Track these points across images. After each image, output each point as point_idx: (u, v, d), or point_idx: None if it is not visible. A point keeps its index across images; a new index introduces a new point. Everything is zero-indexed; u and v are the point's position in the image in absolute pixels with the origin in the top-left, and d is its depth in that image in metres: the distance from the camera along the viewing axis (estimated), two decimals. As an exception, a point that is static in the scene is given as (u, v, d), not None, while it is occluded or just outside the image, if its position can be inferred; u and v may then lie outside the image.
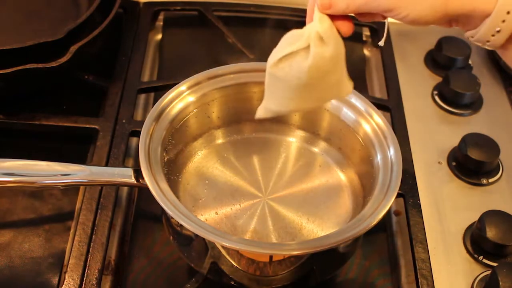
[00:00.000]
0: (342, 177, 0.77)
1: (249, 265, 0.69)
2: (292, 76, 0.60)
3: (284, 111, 0.66)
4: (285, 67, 0.61)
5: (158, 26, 1.08)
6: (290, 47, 0.60)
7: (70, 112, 0.88)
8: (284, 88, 0.62)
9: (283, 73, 0.61)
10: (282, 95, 0.63)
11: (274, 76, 0.62)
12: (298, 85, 0.60)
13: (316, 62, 0.58)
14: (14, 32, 0.93)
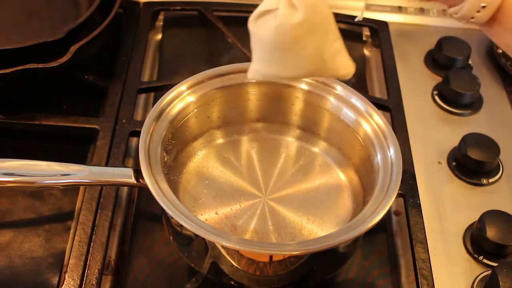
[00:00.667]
0: (342, 177, 0.77)
1: (249, 265, 0.69)
2: (265, 36, 0.59)
3: (270, 75, 0.62)
4: (261, 25, 0.59)
5: (158, 26, 1.08)
6: (267, 4, 0.58)
7: (70, 112, 0.88)
8: (262, 48, 0.60)
9: (259, 31, 0.59)
10: (263, 56, 0.61)
11: (253, 33, 0.60)
12: (272, 46, 0.59)
13: (282, 25, 0.57)
14: (14, 32, 0.93)
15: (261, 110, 0.81)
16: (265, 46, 0.59)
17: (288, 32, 0.57)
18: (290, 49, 0.59)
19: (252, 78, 0.65)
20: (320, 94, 0.78)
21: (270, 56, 0.60)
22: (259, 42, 0.60)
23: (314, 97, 0.78)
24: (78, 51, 0.83)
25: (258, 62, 0.62)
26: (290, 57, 0.59)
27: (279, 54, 0.59)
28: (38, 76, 0.82)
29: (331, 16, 0.58)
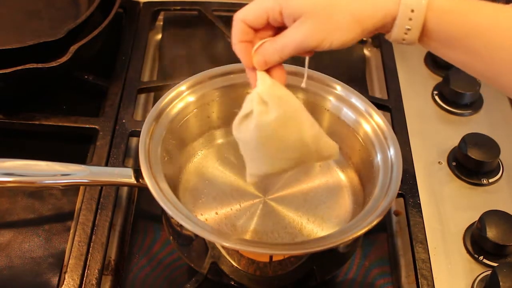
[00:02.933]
0: (342, 177, 0.77)
1: (249, 265, 0.69)
2: (248, 137, 0.63)
3: (262, 174, 0.67)
4: (243, 129, 0.64)
5: (158, 26, 1.08)
6: (243, 111, 0.63)
7: (70, 112, 0.88)
8: (249, 149, 0.65)
9: (243, 135, 0.64)
10: (251, 156, 0.66)
11: (238, 139, 0.65)
12: (255, 144, 0.63)
13: (260, 122, 0.61)
14: (14, 32, 0.93)
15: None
16: (250, 146, 0.64)
17: (266, 127, 0.61)
18: (272, 143, 0.63)
19: (251, 183, 0.69)
20: (320, 94, 0.78)
21: (257, 154, 0.64)
22: (246, 145, 0.65)
23: (314, 97, 0.78)
24: (78, 51, 0.83)
25: (249, 164, 0.66)
26: (275, 150, 0.63)
27: (264, 150, 0.63)
28: (38, 76, 0.82)
29: (301, 106, 0.63)
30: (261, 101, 0.61)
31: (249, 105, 0.62)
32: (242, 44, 0.61)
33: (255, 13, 0.60)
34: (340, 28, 0.57)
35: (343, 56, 1.06)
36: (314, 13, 0.57)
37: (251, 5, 0.60)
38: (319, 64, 0.83)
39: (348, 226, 0.65)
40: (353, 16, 0.57)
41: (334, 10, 0.57)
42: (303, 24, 0.57)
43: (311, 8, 0.57)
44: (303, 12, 0.57)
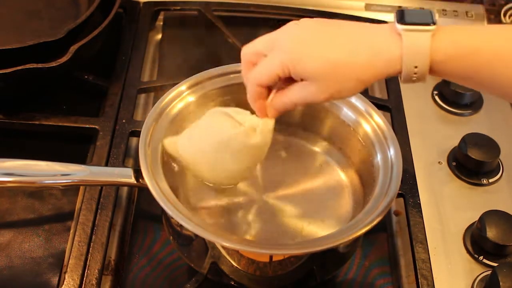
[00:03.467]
0: (342, 177, 0.77)
1: (249, 265, 0.69)
2: (219, 132, 0.68)
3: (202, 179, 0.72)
4: (217, 123, 0.68)
5: (158, 26, 1.08)
6: (233, 130, 0.67)
7: (70, 112, 0.88)
8: (207, 137, 0.69)
9: (212, 124, 0.69)
10: (195, 142, 0.70)
11: (205, 122, 0.70)
12: (218, 146, 0.68)
13: (238, 138, 0.66)
14: (14, 32, 0.93)
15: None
16: (212, 140, 0.68)
17: (240, 146, 0.67)
18: (234, 157, 0.68)
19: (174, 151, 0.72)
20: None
21: (205, 154, 0.69)
22: (201, 133, 0.70)
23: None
24: (78, 51, 0.83)
25: (186, 139, 0.71)
26: (227, 164, 0.69)
27: (221, 156, 0.68)
28: (38, 76, 0.82)
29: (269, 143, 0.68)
30: (252, 128, 0.66)
31: (241, 118, 0.67)
32: (259, 102, 0.65)
33: (268, 77, 0.62)
34: (345, 89, 0.60)
35: (343, 56, 1.06)
36: (320, 78, 0.60)
37: (262, 69, 0.63)
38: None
39: (348, 226, 0.65)
40: (358, 78, 0.59)
41: (340, 76, 0.59)
42: (310, 86, 0.60)
43: (318, 75, 0.59)
44: (310, 77, 0.60)
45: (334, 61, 0.59)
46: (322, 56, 0.59)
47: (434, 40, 0.57)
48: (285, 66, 0.60)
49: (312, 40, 0.60)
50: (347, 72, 0.59)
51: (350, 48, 0.59)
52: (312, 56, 0.59)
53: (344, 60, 0.59)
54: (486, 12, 1.11)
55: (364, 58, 0.59)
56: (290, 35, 0.61)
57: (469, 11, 1.10)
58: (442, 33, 0.58)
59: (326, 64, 0.59)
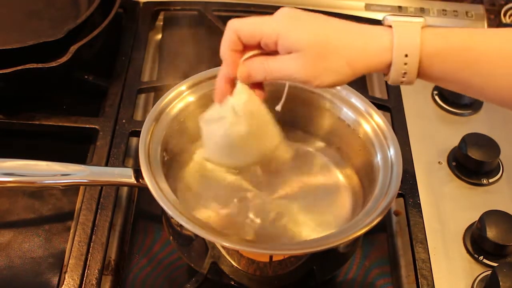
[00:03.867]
0: (342, 177, 0.77)
1: (249, 265, 0.69)
2: (217, 137, 0.67)
3: (221, 164, 0.71)
4: (214, 128, 0.67)
5: (158, 26, 1.08)
6: (217, 112, 0.66)
7: (70, 112, 0.88)
8: (214, 144, 0.68)
9: (210, 132, 0.68)
10: (214, 150, 0.69)
11: (205, 131, 0.68)
12: (221, 145, 0.67)
13: (230, 132, 0.65)
14: (14, 32, 0.93)
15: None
16: (216, 144, 0.68)
17: (235, 137, 0.65)
18: (236, 148, 0.67)
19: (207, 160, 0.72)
20: (320, 94, 0.78)
21: (221, 152, 0.69)
22: (210, 140, 0.68)
23: (313, 96, 0.78)
24: (78, 51, 0.83)
25: (210, 153, 0.70)
26: (238, 153, 0.68)
27: (228, 151, 0.68)
28: (38, 76, 0.82)
29: (270, 120, 0.66)
30: (234, 113, 0.64)
31: (221, 111, 0.65)
32: (231, 52, 0.61)
33: (249, 30, 0.60)
34: (333, 69, 0.58)
35: (343, 56, 1.06)
36: (310, 51, 0.57)
37: (248, 20, 0.60)
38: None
39: (348, 226, 0.65)
40: (347, 61, 0.58)
41: (329, 52, 0.57)
42: (297, 59, 0.58)
43: (308, 46, 0.57)
44: (299, 48, 0.58)
45: (326, 36, 0.57)
46: (315, 29, 0.58)
47: (424, 32, 0.57)
48: (273, 32, 0.58)
49: (306, 17, 0.59)
50: (338, 50, 0.57)
51: (343, 29, 0.58)
52: (304, 29, 0.58)
53: (336, 37, 0.57)
54: (486, 12, 1.11)
55: (356, 40, 0.58)
56: (285, 12, 0.59)
57: (469, 11, 1.11)
58: (432, 29, 0.58)
59: (318, 37, 0.57)
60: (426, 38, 0.57)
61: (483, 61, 0.57)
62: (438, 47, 0.57)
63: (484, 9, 1.11)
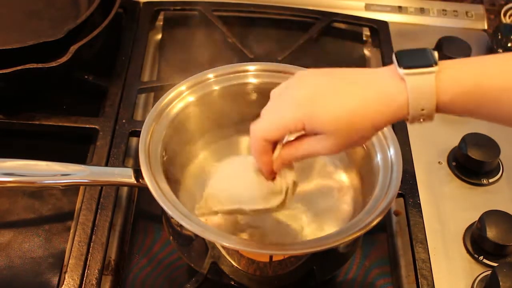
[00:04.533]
0: (342, 177, 0.77)
1: (249, 265, 0.69)
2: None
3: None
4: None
5: (158, 26, 1.08)
6: (266, 203, 0.65)
7: (70, 112, 0.88)
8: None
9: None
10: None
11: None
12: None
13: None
14: (14, 32, 0.93)
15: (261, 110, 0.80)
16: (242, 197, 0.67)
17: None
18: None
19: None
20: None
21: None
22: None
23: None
24: (78, 51, 0.83)
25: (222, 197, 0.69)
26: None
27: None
28: (38, 76, 0.82)
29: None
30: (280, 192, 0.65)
31: (274, 201, 0.65)
32: (265, 157, 0.62)
33: (277, 132, 0.59)
34: (361, 138, 0.59)
35: (343, 56, 1.06)
36: (337, 132, 0.57)
37: (270, 123, 0.60)
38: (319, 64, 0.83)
39: (348, 226, 0.65)
40: (373, 126, 0.58)
41: (356, 126, 0.57)
42: (326, 140, 0.58)
43: (335, 127, 0.57)
44: (326, 131, 0.57)
45: (349, 112, 0.57)
46: (337, 108, 0.57)
47: (438, 81, 0.56)
48: (298, 121, 0.57)
49: (323, 92, 0.58)
50: (363, 121, 0.57)
51: (361, 97, 0.57)
52: (327, 109, 0.57)
53: (359, 110, 0.57)
54: (486, 12, 1.11)
55: (376, 105, 0.57)
56: (301, 94, 0.59)
57: (469, 11, 1.11)
58: (445, 73, 0.56)
59: (343, 116, 0.57)
60: (440, 88, 0.56)
61: (500, 96, 0.56)
62: (453, 93, 0.56)
63: (484, 9, 1.11)
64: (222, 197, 0.67)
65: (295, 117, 0.58)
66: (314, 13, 1.06)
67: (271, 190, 0.64)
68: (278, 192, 0.64)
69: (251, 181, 0.65)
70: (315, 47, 1.04)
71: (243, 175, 0.66)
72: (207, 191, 0.69)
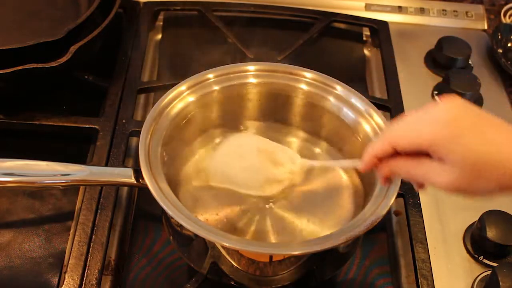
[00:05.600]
0: (342, 177, 0.77)
1: (249, 265, 0.69)
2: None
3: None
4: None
5: (158, 26, 1.08)
6: (260, 191, 0.68)
7: (70, 112, 0.88)
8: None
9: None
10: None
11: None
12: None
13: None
14: (14, 32, 0.93)
15: (261, 110, 0.81)
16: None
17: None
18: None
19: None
20: (320, 94, 0.78)
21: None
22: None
23: (314, 97, 0.78)
24: (78, 51, 0.83)
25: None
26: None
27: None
28: (38, 76, 0.82)
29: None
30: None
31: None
32: (374, 157, 0.61)
33: (407, 144, 0.57)
34: (480, 189, 0.55)
35: (343, 56, 1.06)
36: (465, 168, 0.54)
37: (405, 132, 0.58)
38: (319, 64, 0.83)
39: (348, 226, 0.65)
40: (498, 182, 0.54)
41: (483, 173, 0.54)
42: (448, 171, 0.55)
43: (465, 163, 0.54)
44: (455, 162, 0.54)
45: (485, 155, 0.53)
46: (477, 145, 0.54)
47: None
48: (432, 141, 0.55)
49: (469, 124, 0.55)
50: (492, 171, 0.54)
51: (498, 146, 0.54)
52: (465, 145, 0.54)
53: (493, 157, 0.54)
54: (486, 12, 1.11)
55: (509, 159, 0.54)
56: (446, 113, 0.55)
57: (469, 11, 1.11)
58: None
59: (478, 155, 0.53)
60: None
61: None
62: None
63: (484, 9, 1.11)
64: (219, 173, 0.67)
65: (433, 136, 0.55)
66: (314, 13, 1.06)
67: (267, 179, 0.64)
68: (276, 182, 0.64)
69: (250, 165, 0.65)
70: (315, 47, 1.04)
71: (245, 155, 0.66)
72: (207, 162, 0.69)
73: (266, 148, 0.65)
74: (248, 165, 0.65)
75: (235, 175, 0.66)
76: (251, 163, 0.65)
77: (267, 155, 0.65)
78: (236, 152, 0.67)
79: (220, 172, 0.67)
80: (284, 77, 0.79)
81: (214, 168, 0.68)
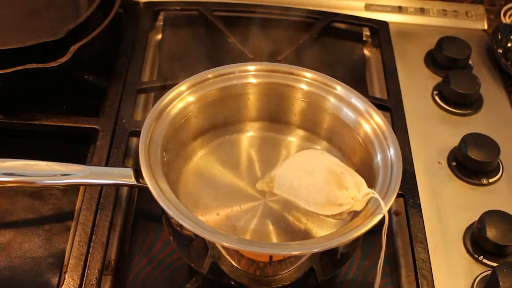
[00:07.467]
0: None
1: (249, 265, 0.69)
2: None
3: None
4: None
5: (158, 26, 1.08)
6: (319, 209, 0.66)
7: (70, 112, 0.88)
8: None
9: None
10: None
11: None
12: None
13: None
14: (14, 32, 0.93)
15: (261, 110, 0.81)
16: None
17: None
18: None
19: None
20: (320, 94, 0.78)
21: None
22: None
23: (314, 97, 0.78)
24: (78, 51, 0.83)
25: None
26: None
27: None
28: (38, 76, 0.82)
29: None
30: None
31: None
32: None
33: None
34: None
35: (343, 56, 1.06)
36: None
37: None
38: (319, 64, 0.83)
39: (348, 226, 0.65)
40: None
41: None
42: None
43: None
44: None
45: None
46: None
47: None
48: None
49: None
50: None
51: None
52: None
53: None
54: (486, 12, 1.11)
55: None
56: None
57: (469, 11, 1.11)
58: None
59: None
60: None
61: None
62: None
63: (484, 9, 1.11)
64: (287, 185, 0.67)
65: None
66: (314, 13, 1.06)
67: (328, 200, 0.64)
68: (336, 204, 0.64)
69: (316, 181, 0.65)
70: (315, 47, 1.04)
71: (313, 171, 0.66)
72: (275, 171, 0.69)
73: (335, 170, 0.66)
74: (314, 182, 0.65)
75: (300, 190, 0.66)
76: (317, 181, 0.65)
77: (334, 176, 0.65)
78: (307, 169, 0.67)
79: (288, 185, 0.67)
80: (284, 77, 0.79)
81: (283, 179, 0.68)
